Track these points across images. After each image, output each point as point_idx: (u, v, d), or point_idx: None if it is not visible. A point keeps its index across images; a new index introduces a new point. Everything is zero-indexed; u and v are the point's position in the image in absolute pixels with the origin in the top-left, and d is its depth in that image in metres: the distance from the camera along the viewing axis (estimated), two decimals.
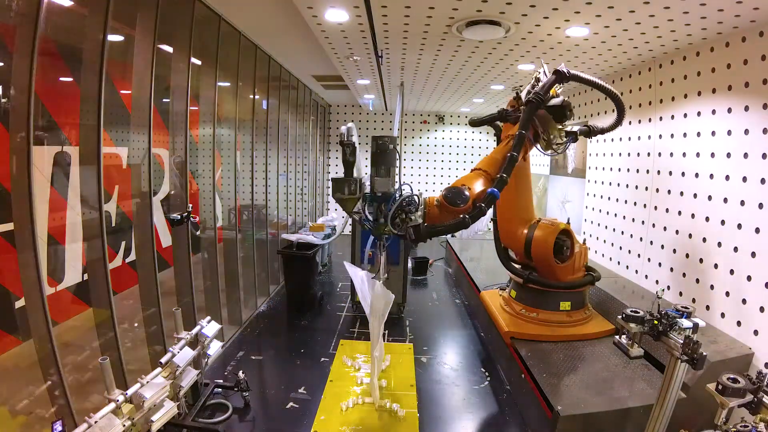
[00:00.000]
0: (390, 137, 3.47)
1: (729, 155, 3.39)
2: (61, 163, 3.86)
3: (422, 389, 3.86)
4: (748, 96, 3.22)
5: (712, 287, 3.53)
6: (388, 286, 3.40)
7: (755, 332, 3.11)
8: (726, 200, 3.42)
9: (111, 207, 4.60)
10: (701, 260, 3.68)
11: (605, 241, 5.44)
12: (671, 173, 4.14)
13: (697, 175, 3.77)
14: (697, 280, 3.72)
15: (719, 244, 3.48)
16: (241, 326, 5.09)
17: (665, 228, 4.22)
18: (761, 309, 3.05)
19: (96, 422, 2.24)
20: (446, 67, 5.19)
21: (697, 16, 3.03)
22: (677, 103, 4.08)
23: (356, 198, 3.21)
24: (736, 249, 3.30)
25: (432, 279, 7.40)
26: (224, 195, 5.12)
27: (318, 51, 4.83)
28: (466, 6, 3.10)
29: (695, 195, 3.79)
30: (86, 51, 2.81)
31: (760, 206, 3.09)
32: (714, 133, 3.58)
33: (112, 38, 2.94)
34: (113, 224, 4.69)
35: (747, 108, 3.24)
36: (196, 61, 4.18)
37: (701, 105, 3.74)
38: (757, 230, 3.11)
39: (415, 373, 4.12)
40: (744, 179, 3.24)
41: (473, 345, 4.82)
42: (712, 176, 3.58)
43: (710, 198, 3.60)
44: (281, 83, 6.39)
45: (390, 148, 3.42)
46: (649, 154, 4.52)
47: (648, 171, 4.54)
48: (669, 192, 4.16)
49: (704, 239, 3.66)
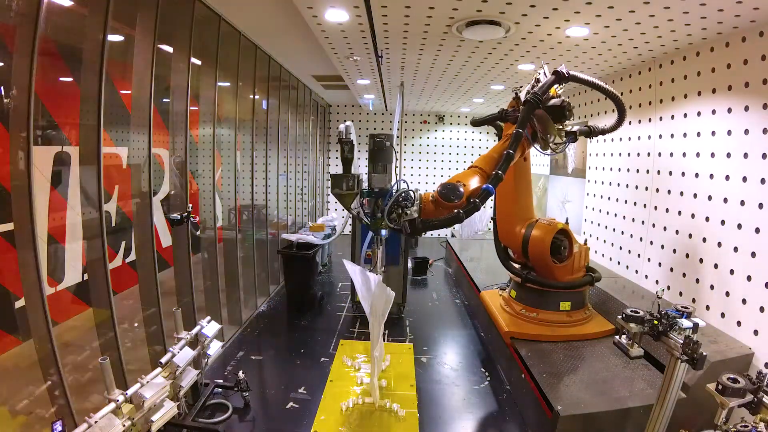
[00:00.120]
0: (387, 135, 3.58)
1: (729, 155, 3.40)
2: (61, 163, 3.86)
3: (422, 389, 3.86)
4: (748, 96, 3.23)
5: (712, 287, 3.53)
6: (388, 286, 3.40)
7: (755, 332, 3.11)
8: (726, 200, 3.43)
9: (111, 207, 4.59)
10: (701, 260, 3.68)
11: (605, 241, 5.44)
12: (671, 173, 4.14)
13: (697, 175, 3.77)
14: (697, 280, 3.72)
15: (719, 244, 3.48)
16: (241, 326, 5.09)
17: (665, 228, 4.22)
18: (761, 309, 3.05)
19: (96, 422, 2.24)
20: (446, 67, 5.19)
21: (697, 16, 3.03)
22: (677, 103, 4.08)
23: (354, 193, 3.28)
24: (736, 249, 3.30)
25: (432, 279, 7.40)
26: (224, 195, 5.12)
27: (318, 51, 4.83)
28: (466, 6, 3.10)
29: (695, 195, 3.79)
30: (86, 51, 2.81)
31: (760, 206, 3.09)
32: (714, 133, 3.58)
33: (112, 38, 2.94)
34: (113, 224, 4.69)
35: (747, 108, 3.24)
36: (196, 61, 4.18)
37: (701, 105, 3.74)
38: (757, 230, 3.11)
39: (415, 373, 4.12)
40: (744, 179, 3.24)
41: (473, 345, 4.82)
42: (712, 176, 3.58)
43: (710, 198, 3.60)
44: (281, 83, 6.39)
45: (386, 146, 3.53)
46: (649, 154, 4.52)
47: (648, 171, 4.54)
48: (669, 192, 4.17)
49: (704, 239, 3.66)
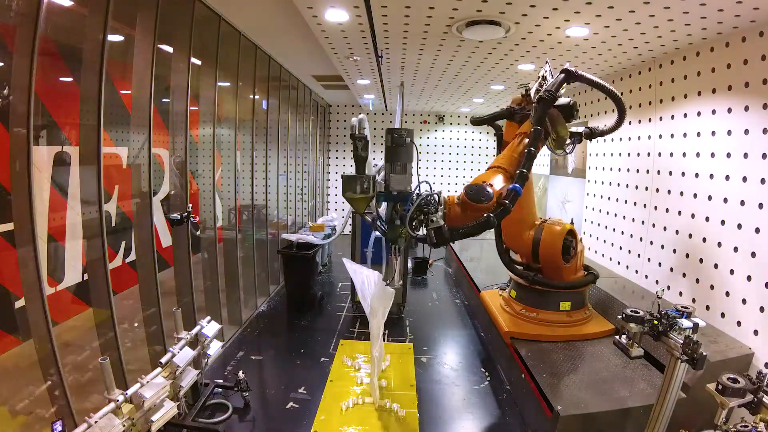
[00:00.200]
0: (407, 130, 3.14)
1: (729, 155, 3.39)
2: (61, 163, 3.86)
3: (422, 389, 3.86)
4: (748, 96, 3.22)
5: (712, 287, 3.53)
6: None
7: (755, 332, 3.11)
8: (726, 200, 3.42)
9: (111, 207, 4.59)
10: (701, 260, 3.68)
11: (605, 241, 5.43)
12: (671, 173, 4.14)
13: (697, 175, 3.77)
14: (697, 280, 3.72)
15: (719, 244, 3.48)
16: (241, 326, 5.09)
17: (665, 228, 4.22)
18: (761, 309, 3.05)
19: (96, 422, 2.24)
20: (446, 67, 5.19)
21: (697, 16, 3.03)
22: (677, 103, 4.08)
23: (369, 197, 2.96)
24: (736, 249, 3.30)
25: (432, 279, 7.40)
26: (224, 195, 5.12)
27: (318, 51, 4.83)
28: (466, 6, 3.10)
29: (695, 195, 3.79)
30: (86, 51, 2.81)
31: (760, 206, 3.09)
32: (714, 133, 3.58)
33: (112, 38, 2.94)
34: (113, 224, 4.69)
35: (747, 108, 3.24)
36: (196, 61, 4.18)
37: (701, 105, 3.74)
38: (757, 230, 3.11)
39: (415, 373, 4.12)
40: (744, 179, 3.24)
41: (473, 345, 4.82)
42: (712, 176, 3.58)
43: (710, 198, 3.60)
44: (281, 83, 6.39)
45: (407, 142, 3.09)
46: (649, 154, 4.52)
47: (648, 171, 4.54)
48: (669, 192, 4.16)
49: (704, 239, 3.66)
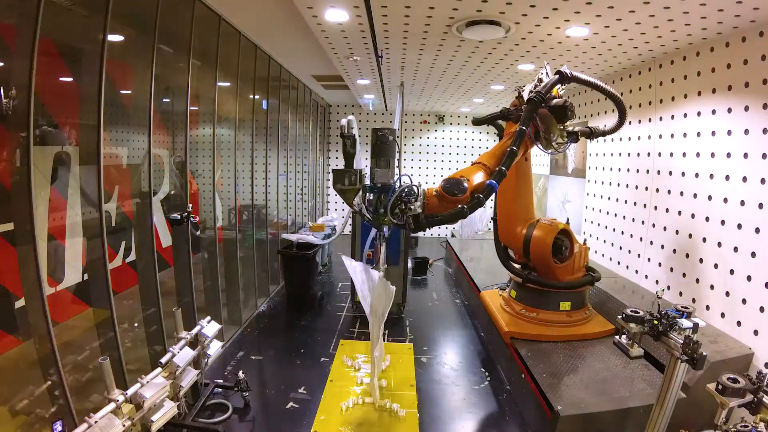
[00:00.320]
0: (390, 129, 3.54)
1: (729, 155, 3.39)
2: (61, 163, 3.85)
3: (422, 389, 3.86)
4: (748, 96, 3.23)
5: (712, 287, 3.53)
6: None
7: (755, 332, 3.11)
8: (726, 200, 3.42)
9: (111, 207, 4.57)
10: (701, 260, 3.68)
11: (605, 241, 5.44)
12: (671, 173, 4.14)
13: (697, 175, 3.77)
14: (697, 280, 3.72)
15: (719, 244, 3.48)
16: (241, 326, 5.09)
17: (665, 228, 4.22)
18: (761, 309, 3.05)
19: (96, 422, 2.24)
20: (446, 67, 5.19)
21: (697, 16, 3.03)
22: (677, 103, 4.08)
23: (356, 189, 3.20)
24: (736, 249, 3.30)
25: (432, 279, 7.40)
26: (224, 195, 5.12)
27: (318, 51, 4.83)
28: (466, 6, 3.10)
29: (695, 195, 3.79)
30: (86, 51, 2.81)
31: (760, 206, 3.09)
32: (714, 133, 3.58)
33: (112, 38, 2.94)
34: (113, 224, 4.66)
35: (747, 108, 3.24)
36: (196, 62, 4.18)
37: (701, 105, 3.74)
38: (757, 230, 3.11)
39: (415, 373, 4.12)
40: (744, 179, 3.24)
41: (473, 345, 4.82)
42: (712, 176, 3.58)
43: (710, 198, 3.60)
44: (281, 83, 6.39)
45: (389, 140, 3.47)
46: (649, 154, 4.52)
47: (648, 171, 4.54)
48: (669, 192, 4.16)
49: (704, 239, 3.66)
